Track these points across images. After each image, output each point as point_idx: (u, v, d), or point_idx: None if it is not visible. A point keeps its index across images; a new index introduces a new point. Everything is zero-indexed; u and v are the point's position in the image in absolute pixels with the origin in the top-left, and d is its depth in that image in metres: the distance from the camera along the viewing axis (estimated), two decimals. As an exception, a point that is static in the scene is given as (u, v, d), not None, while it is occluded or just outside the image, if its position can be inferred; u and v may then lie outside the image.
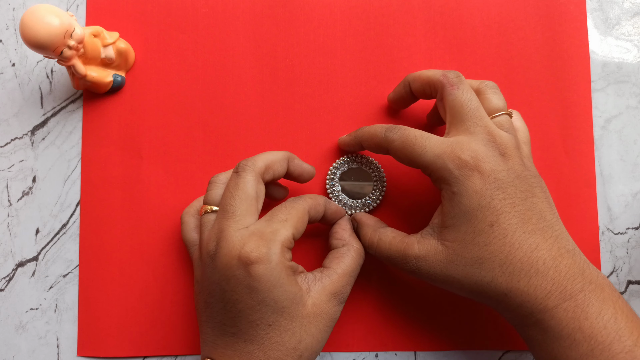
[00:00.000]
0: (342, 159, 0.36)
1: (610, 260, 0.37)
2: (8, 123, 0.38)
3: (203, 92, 0.38)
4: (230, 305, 0.28)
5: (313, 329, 0.28)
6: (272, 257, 0.27)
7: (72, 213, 0.38)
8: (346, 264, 0.31)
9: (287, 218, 0.29)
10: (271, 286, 0.27)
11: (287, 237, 0.28)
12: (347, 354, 0.36)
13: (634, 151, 0.38)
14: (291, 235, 0.29)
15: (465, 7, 0.38)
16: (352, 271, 0.31)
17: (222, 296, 0.28)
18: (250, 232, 0.28)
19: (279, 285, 0.27)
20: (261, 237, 0.28)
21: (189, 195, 0.37)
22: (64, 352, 0.37)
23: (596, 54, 0.38)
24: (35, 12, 0.31)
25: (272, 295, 0.27)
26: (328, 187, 0.36)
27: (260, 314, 0.27)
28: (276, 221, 0.29)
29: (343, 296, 0.30)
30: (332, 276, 0.30)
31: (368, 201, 0.36)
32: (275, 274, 0.27)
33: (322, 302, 0.29)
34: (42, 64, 0.39)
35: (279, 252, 0.28)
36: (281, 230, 0.28)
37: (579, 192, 0.37)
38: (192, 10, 0.38)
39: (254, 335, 0.27)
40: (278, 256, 0.27)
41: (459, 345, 0.36)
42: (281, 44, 0.38)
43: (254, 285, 0.27)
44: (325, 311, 0.29)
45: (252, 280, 0.27)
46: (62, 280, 0.37)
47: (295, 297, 0.28)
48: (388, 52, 0.38)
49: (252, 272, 0.27)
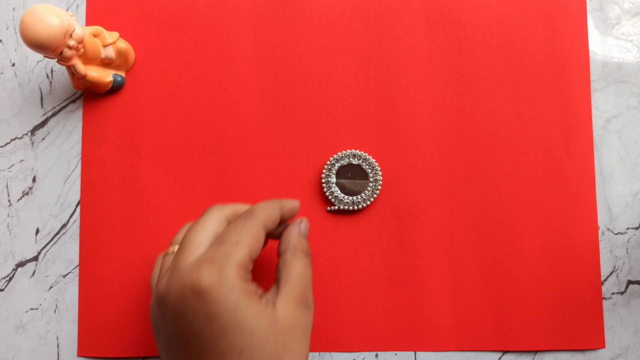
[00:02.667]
0: (344, 152, 0.36)
1: (610, 260, 0.37)
2: (8, 123, 0.38)
3: (203, 92, 0.38)
4: (192, 340, 0.25)
5: (290, 344, 0.26)
6: (227, 282, 0.25)
7: (72, 213, 0.38)
8: (296, 267, 0.29)
9: (239, 239, 0.27)
10: (232, 309, 0.25)
11: (241, 259, 0.26)
12: (347, 354, 0.36)
13: (634, 151, 0.38)
14: (246, 256, 0.27)
15: (465, 7, 0.38)
16: (304, 272, 0.29)
17: (181, 333, 0.26)
18: (200, 260, 0.26)
19: (241, 307, 0.25)
20: (212, 263, 0.26)
21: (189, 195, 0.37)
22: (64, 352, 0.37)
23: (596, 54, 0.38)
24: (35, 12, 0.31)
25: (236, 317, 0.25)
26: (324, 177, 0.36)
27: (227, 341, 0.25)
28: (227, 244, 0.27)
29: (308, 299, 0.29)
30: (288, 284, 0.28)
31: (358, 199, 0.36)
32: (234, 297, 0.25)
33: (291, 312, 0.27)
34: (42, 64, 0.39)
35: (235, 274, 0.26)
36: (233, 252, 0.26)
37: (579, 192, 0.37)
38: (192, 10, 0.38)
39: None
40: (233, 279, 0.26)
41: (459, 345, 0.36)
42: (281, 44, 0.38)
43: (212, 311, 0.25)
44: (297, 321, 0.27)
45: (210, 307, 0.25)
46: (62, 280, 0.37)
47: (264, 316, 0.26)
48: (388, 52, 0.38)
49: (207, 299, 0.25)
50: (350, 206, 0.36)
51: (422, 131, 0.37)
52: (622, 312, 0.37)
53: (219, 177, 0.37)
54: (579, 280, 0.36)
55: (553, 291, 0.36)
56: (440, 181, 0.37)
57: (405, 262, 0.37)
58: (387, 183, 0.37)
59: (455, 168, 0.37)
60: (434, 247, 0.37)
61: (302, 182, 0.37)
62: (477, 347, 0.36)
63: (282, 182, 0.37)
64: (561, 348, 0.36)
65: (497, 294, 0.36)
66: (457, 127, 0.37)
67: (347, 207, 0.36)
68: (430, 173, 0.37)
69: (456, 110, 0.38)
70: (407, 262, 0.37)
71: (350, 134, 0.37)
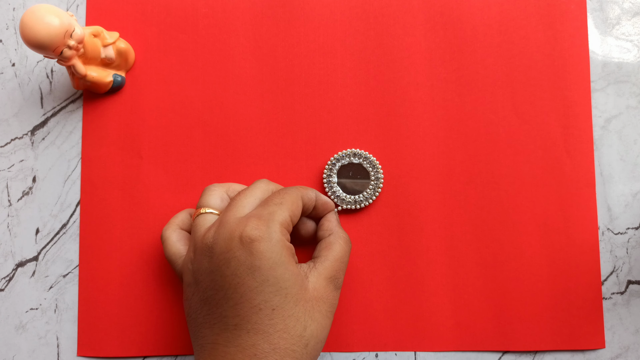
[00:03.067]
0: (344, 152, 0.36)
1: (610, 260, 0.37)
2: (8, 123, 0.38)
3: (203, 92, 0.38)
4: (231, 291, 0.27)
5: (316, 314, 0.28)
6: (273, 235, 0.27)
7: (72, 213, 0.38)
8: (336, 250, 0.31)
9: (282, 202, 0.29)
10: (273, 263, 0.27)
11: (284, 218, 0.29)
12: (347, 354, 0.36)
13: (634, 151, 0.38)
14: (288, 217, 0.29)
15: (465, 7, 0.38)
16: (342, 257, 0.31)
17: (222, 283, 0.27)
18: (248, 216, 0.28)
19: (281, 263, 0.27)
20: (259, 218, 0.28)
21: (189, 195, 0.37)
22: (64, 352, 0.37)
23: (596, 54, 0.38)
24: (35, 12, 0.31)
25: (274, 273, 0.27)
26: (325, 177, 0.36)
27: (263, 295, 0.27)
28: (272, 204, 0.29)
29: (338, 282, 0.31)
30: (325, 262, 0.30)
31: (360, 198, 0.36)
32: (277, 251, 0.27)
33: (322, 287, 0.29)
34: (42, 64, 0.39)
35: (279, 230, 0.28)
36: (278, 211, 0.29)
37: (579, 192, 0.37)
38: (192, 10, 0.38)
39: (257, 323, 0.27)
40: (278, 234, 0.28)
41: (459, 346, 0.36)
42: (281, 44, 0.38)
43: (255, 263, 0.27)
44: (325, 295, 0.29)
45: (254, 259, 0.27)
46: (62, 280, 0.37)
47: (298, 279, 0.28)
48: (388, 52, 0.38)
49: (253, 250, 0.27)
50: (352, 205, 0.36)
51: (422, 131, 0.37)
52: (622, 312, 0.37)
53: (219, 177, 0.37)
54: (579, 280, 0.36)
55: (553, 291, 0.36)
56: (440, 181, 0.37)
57: (405, 262, 0.37)
58: (387, 183, 0.37)
59: (455, 168, 0.37)
60: (434, 247, 0.37)
61: (303, 182, 0.37)
62: (477, 347, 0.36)
63: (283, 182, 0.37)
64: (561, 348, 0.36)
65: (497, 294, 0.36)
66: (457, 127, 0.37)
67: (350, 207, 0.36)
68: (430, 173, 0.37)
69: (456, 110, 0.38)
70: (407, 262, 0.37)
71: (350, 134, 0.37)
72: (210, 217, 0.31)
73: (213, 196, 0.32)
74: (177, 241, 0.32)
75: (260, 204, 0.30)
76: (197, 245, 0.29)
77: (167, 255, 0.32)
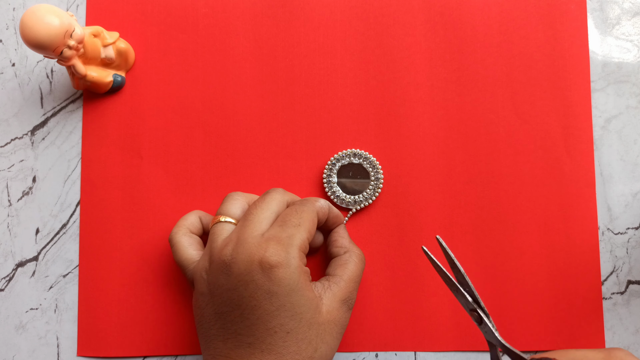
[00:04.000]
0: (344, 152, 0.36)
1: (610, 260, 0.37)
2: (8, 123, 0.38)
3: (203, 92, 0.38)
4: (248, 312, 0.27)
5: (328, 336, 0.29)
6: (292, 262, 0.28)
7: (72, 213, 0.38)
8: (351, 270, 0.31)
9: (300, 222, 0.29)
10: (290, 290, 0.27)
11: (303, 242, 0.29)
12: (347, 354, 0.36)
13: (634, 151, 0.38)
14: (306, 239, 0.29)
15: (465, 7, 0.38)
16: (356, 277, 0.31)
17: (239, 303, 0.27)
18: (267, 237, 0.28)
19: (297, 290, 0.27)
20: (279, 242, 0.28)
21: (189, 195, 0.37)
22: (64, 352, 0.37)
23: (596, 54, 0.38)
24: (35, 12, 0.31)
25: (291, 300, 0.27)
26: (325, 177, 0.36)
27: (279, 320, 0.27)
28: (290, 226, 0.29)
29: (351, 302, 0.31)
30: (340, 283, 0.30)
31: (360, 199, 0.36)
32: (295, 278, 0.27)
33: (335, 309, 0.29)
34: (42, 64, 0.39)
35: (297, 256, 0.28)
36: (296, 235, 0.29)
37: (579, 192, 0.37)
38: (192, 10, 0.38)
39: (271, 344, 0.27)
40: (297, 260, 0.28)
41: (459, 346, 0.36)
42: (281, 44, 0.38)
43: (273, 289, 0.27)
44: (337, 318, 0.29)
45: (272, 285, 0.27)
46: (62, 280, 0.37)
47: (313, 303, 0.28)
48: (388, 52, 0.38)
49: (272, 277, 0.27)
50: (352, 206, 0.36)
51: (422, 131, 0.37)
52: (622, 312, 0.37)
53: (219, 177, 0.37)
54: (579, 280, 0.36)
55: (553, 291, 0.36)
56: (440, 181, 0.37)
57: (405, 262, 0.37)
58: (387, 183, 0.37)
59: (455, 168, 0.37)
60: (434, 247, 0.37)
61: (303, 182, 0.37)
62: (477, 347, 0.36)
63: (282, 182, 0.37)
64: (561, 348, 0.36)
65: (497, 294, 0.36)
66: (457, 127, 0.37)
67: (349, 207, 0.36)
68: (430, 173, 0.37)
69: (456, 110, 0.38)
70: (407, 262, 0.37)
71: (350, 134, 0.37)
72: (228, 226, 0.31)
73: (234, 205, 0.32)
74: (188, 246, 0.32)
75: (278, 222, 0.30)
76: (214, 258, 0.29)
77: (178, 260, 0.32)
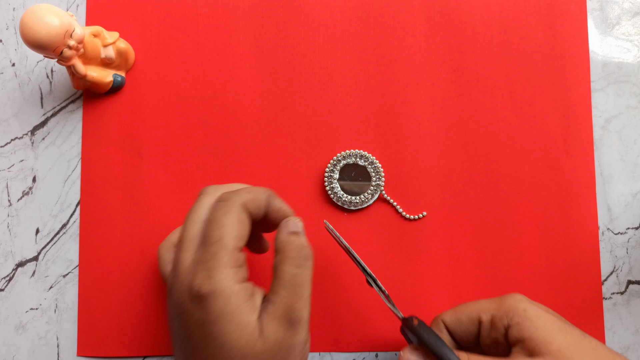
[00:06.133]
0: (351, 151, 0.36)
1: (610, 260, 0.37)
2: (8, 123, 0.38)
3: (203, 92, 0.38)
4: (185, 343, 0.26)
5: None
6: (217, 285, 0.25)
7: (72, 213, 0.38)
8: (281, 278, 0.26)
9: (221, 234, 0.26)
10: (218, 317, 0.24)
11: (229, 256, 0.25)
12: (347, 354, 0.36)
13: (634, 151, 0.38)
14: (232, 249, 0.26)
15: (465, 7, 0.38)
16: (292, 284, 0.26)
17: (179, 333, 0.26)
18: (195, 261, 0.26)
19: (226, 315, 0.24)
20: (204, 267, 0.25)
21: (189, 195, 0.37)
22: (64, 352, 0.37)
23: (596, 54, 0.38)
24: (35, 12, 0.31)
25: (219, 327, 0.24)
26: (327, 172, 0.36)
27: (210, 349, 0.25)
28: (210, 243, 0.26)
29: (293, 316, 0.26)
30: (273, 297, 0.26)
31: (356, 200, 0.36)
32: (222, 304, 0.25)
33: (273, 333, 0.25)
34: (42, 64, 0.39)
35: (226, 277, 0.25)
36: (219, 252, 0.25)
37: (579, 192, 0.37)
38: (192, 10, 0.38)
39: None
40: (225, 282, 0.25)
41: (459, 345, 0.36)
42: (281, 44, 0.38)
43: (203, 317, 0.25)
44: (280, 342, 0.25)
45: (202, 313, 0.25)
46: (62, 280, 0.37)
47: (246, 329, 0.25)
48: (388, 52, 0.38)
49: (202, 305, 0.25)
50: (347, 205, 0.36)
51: (422, 131, 0.37)
52: (622, 312, 0.37)
53: (219, 178, 0.37)
54: (579, 280, 0.36)
55: (553, 291, 0.36)
56: (440, 181, 0.37)
57: (405, 262, 0.37)
58: (387, 183, 0.37)
59: (455, 168, 0.37)
60: (434, 247, 0.37)
61: (302, 182, 0.37)
62: (477, 347, 0.36)
63: (282, 182, 0.37)
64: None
65: (497, 294, 0.36)
66: (457, 127, 0.37)
67: (344, 206, 0.36)
68: (430, 173, 0.37)
69: (456, 110, 0.38)
70: (407, 262, 0.37)
71: (350, 134, 0.37)
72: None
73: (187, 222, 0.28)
74: (167, 263, 0.30)
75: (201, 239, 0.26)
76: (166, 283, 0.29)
77: (161, 274, 0.31)
